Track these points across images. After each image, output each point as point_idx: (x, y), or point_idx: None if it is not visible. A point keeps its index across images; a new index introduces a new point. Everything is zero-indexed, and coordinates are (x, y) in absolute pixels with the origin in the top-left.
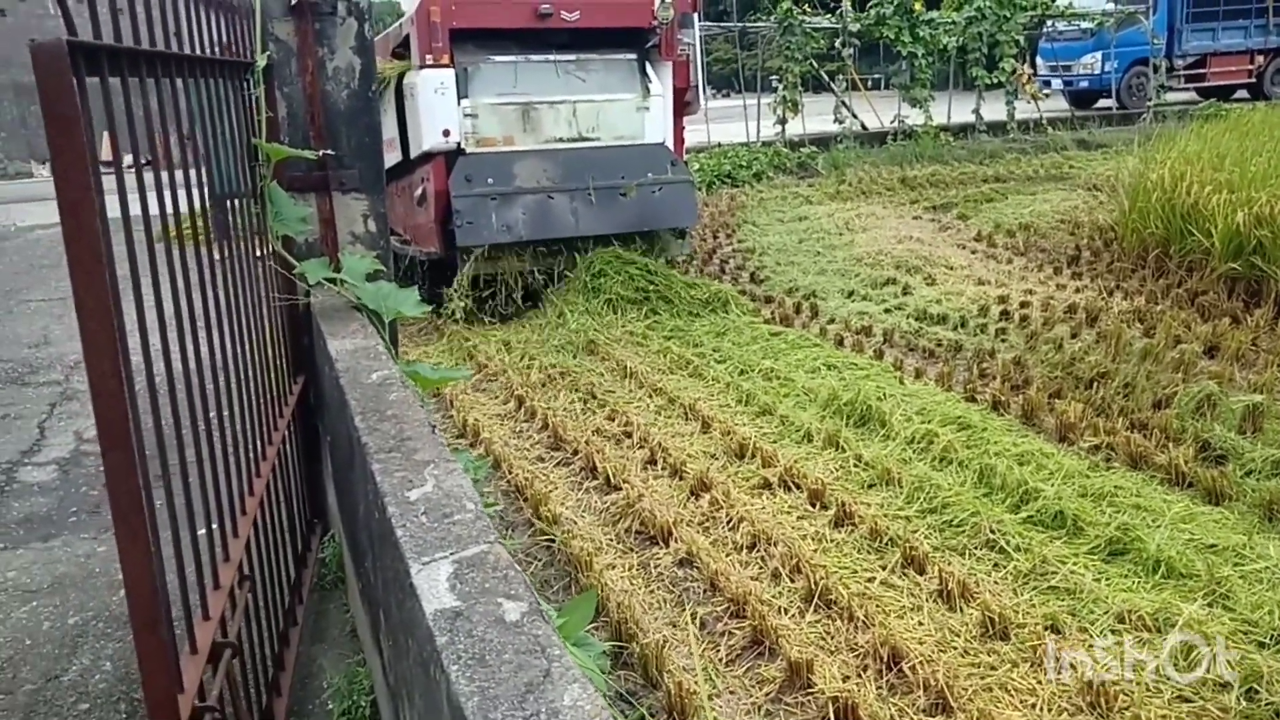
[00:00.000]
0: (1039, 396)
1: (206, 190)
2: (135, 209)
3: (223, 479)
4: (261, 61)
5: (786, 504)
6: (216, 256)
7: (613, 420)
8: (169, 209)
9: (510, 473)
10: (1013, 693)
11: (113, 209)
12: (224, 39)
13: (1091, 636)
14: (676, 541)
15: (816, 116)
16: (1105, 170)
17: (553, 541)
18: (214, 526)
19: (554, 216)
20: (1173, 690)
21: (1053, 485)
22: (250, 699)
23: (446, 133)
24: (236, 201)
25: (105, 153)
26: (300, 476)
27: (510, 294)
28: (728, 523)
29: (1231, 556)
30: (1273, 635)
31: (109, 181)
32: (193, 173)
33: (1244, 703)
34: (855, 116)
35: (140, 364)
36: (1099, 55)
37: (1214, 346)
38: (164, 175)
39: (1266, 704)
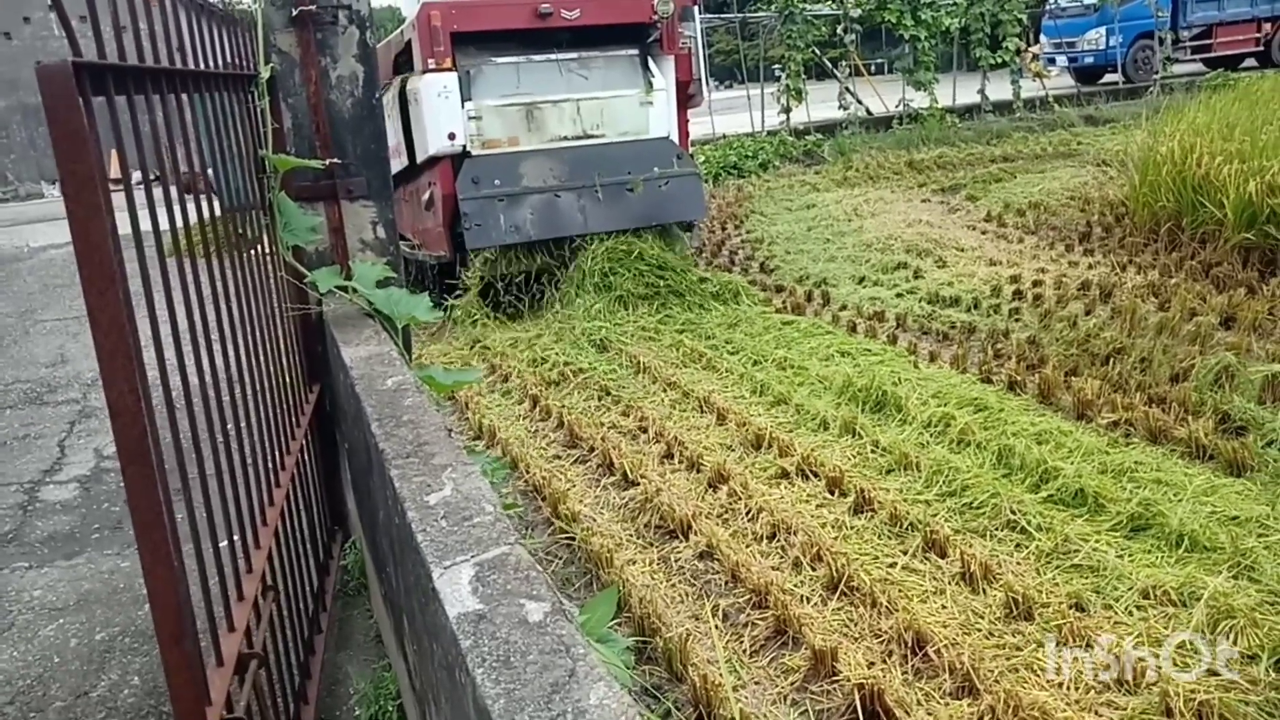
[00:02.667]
0: (1055, 375)
1: (217, 203)
2: (145, 224)
3: (242, 490)
4: (265, 73)
5: (805, 493)
6: (228, 269)
7: (628, 416)
8: (179, 223)
9: (528, 472)
10: (1039, 672)
11: (123, 225)
12: (227, 52)
13: (1116, 613)
14: (696, 534)
15: (821, 104)
16: (1114, 145)
17: (572, 539)
18: (235, 538)
19: (562, 215)
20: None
21: (1072, 463)
22: (278, 708)
23: (452, 136)
24: (246, 213)
25: (113, 170)
26: (319, 484)
27: (520, 294)
28: (747, 514)
29: (1255, 528)
30: None
31: (118, 199)
32: (200, 186)
33: (1273, 674)
34: (860, 102)
35: (156, 379)
36: (1103, 30)
37: (1230, 317)
38: (173, 190)
39: None
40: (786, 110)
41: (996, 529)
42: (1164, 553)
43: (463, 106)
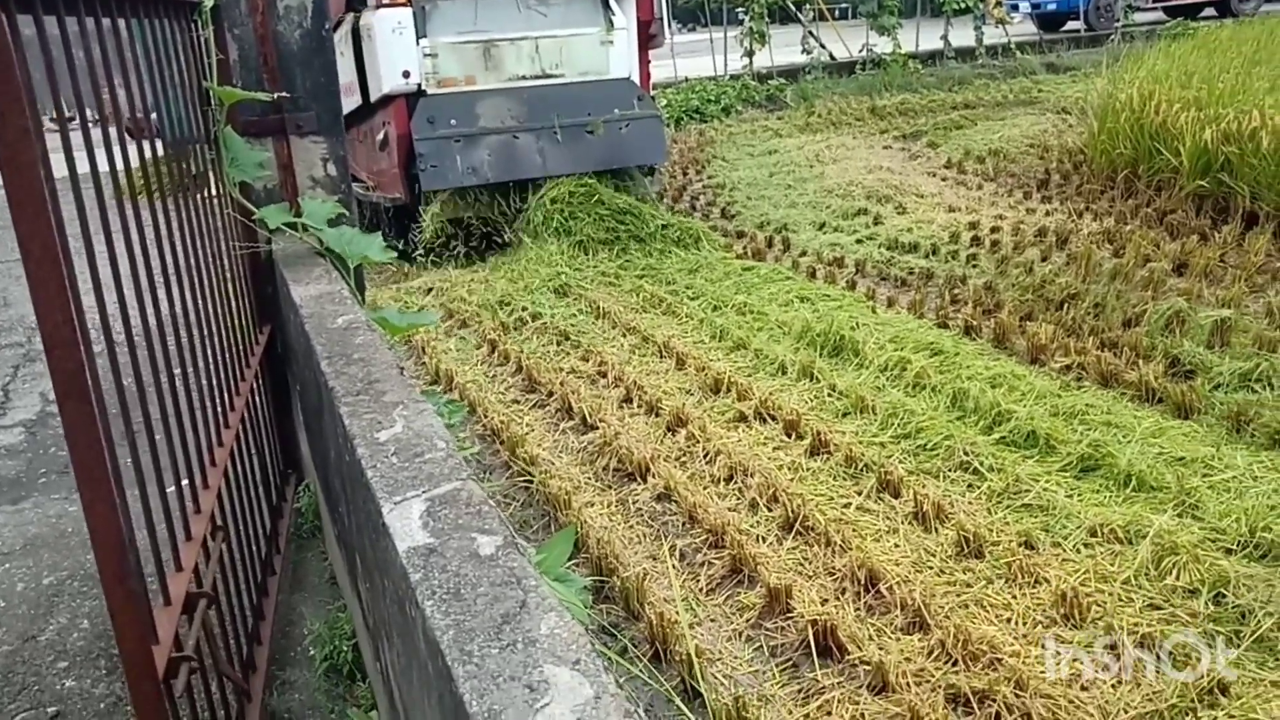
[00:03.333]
0: (1010, 320)
1: (159, 137)
2: (86, 166)
3: (190, 431)
4: (209, 1)
5: (762, 436)
6: (172, 207)
7: (587, 360)
8: (120, 163)
9: (485, 416)
10: (988, 608)
11: (63, 168)
12: None
13: (1064, 551)
14: (654, 477)
15: (784, 48)
16: (1074, 93)
17: (531, 482)
18: (185, 482)
19: (520, 157)
20: (1144, 599)
21: (1025, 406)
22: (230, 649)
23: (406, 74)
24: (190, 148)
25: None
26: (271, 426)
27: (479, 237)
28: (705, 456)
29: (1200, 468)
30: (1239, 542)
31: (57, 141)
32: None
33: (1211, 607)
34: (823, 47)
35: (107, 319)
36: None
37: (1182, 264)
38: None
39: (1233, 607)
40: (749, 54)
41: (949, 470)
42: (1112, 492)
43: (418, 43)
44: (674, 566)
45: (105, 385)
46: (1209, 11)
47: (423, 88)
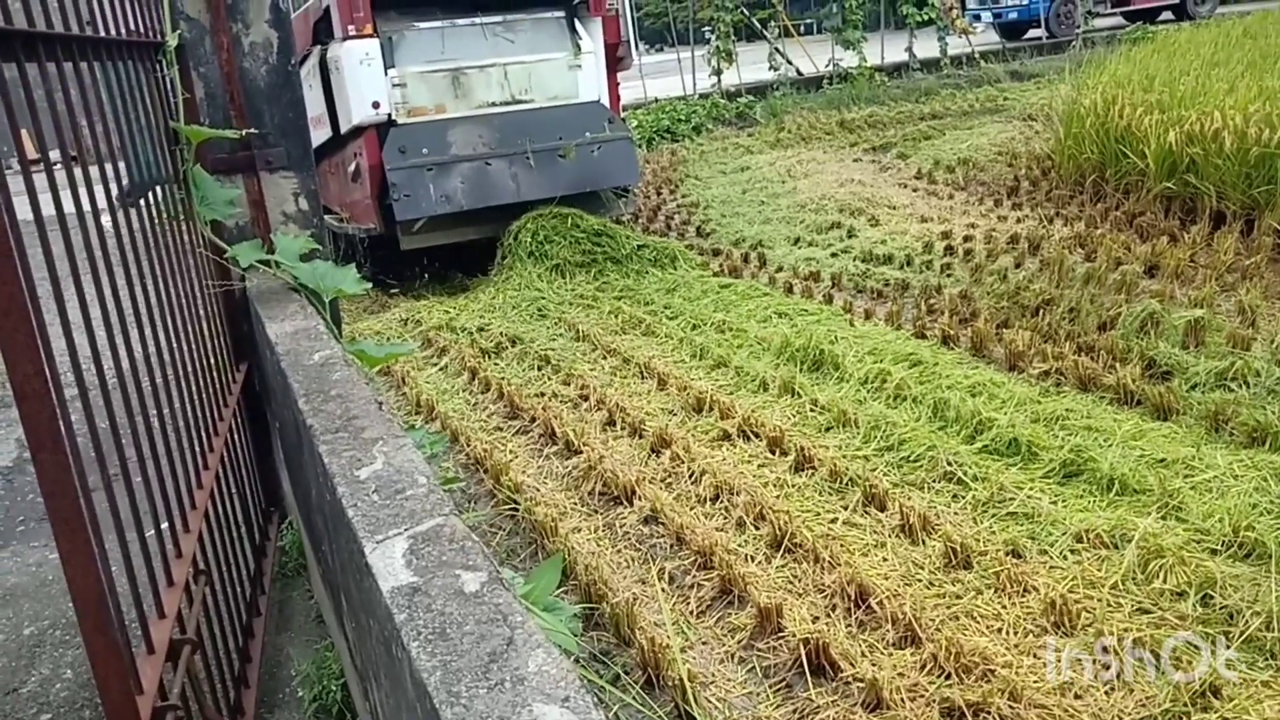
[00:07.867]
0: (987, 328)
1: (125, 179)
2: (54, 207)
3: (168, 474)
4: (173, 41)
5: (746, 453)
6: (143, 248)
7: (568, 384)
8: (86, 206)
9: (468, 445)
10: (979, 619)
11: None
12: (130, 19)
13: (1051, 558)
14: (640, 499)
15: (751, 65)
16: (1039, 100)
17: (516, 510)
18: (164, 525)
19: (493, 183)
20: (1132, 603)
21: (1005, 414)
22: (217, 694)
23: (376, 105)
24: (159, 188)
25: (30, 151)
26: (252, 465)
27: (454, 265)
28: (690, 477)
29: (1181, 469)
30: (1224, 542)
31: (18, 181)
32: (108, 166)
33: (1199, 609)
34: (790, 63)
35: (78, 365)
36: None
37: (1154, 266)
38: (78, 169)
39: (1220, 607)
40: (717, 72)
41: (934, 481)
42: (1095, 497)
43: (386, 74)
44: (663, 590)
45: (79, 431)
46: (1166, 15)
47: (393, 118)
